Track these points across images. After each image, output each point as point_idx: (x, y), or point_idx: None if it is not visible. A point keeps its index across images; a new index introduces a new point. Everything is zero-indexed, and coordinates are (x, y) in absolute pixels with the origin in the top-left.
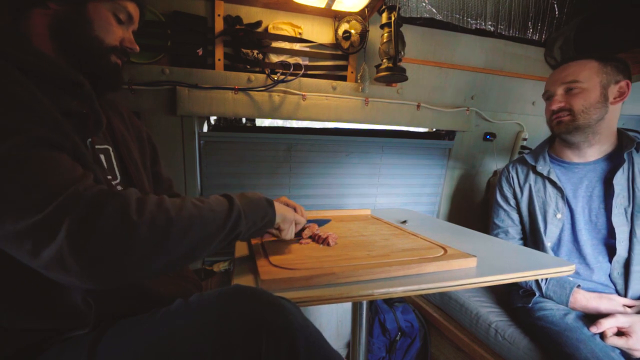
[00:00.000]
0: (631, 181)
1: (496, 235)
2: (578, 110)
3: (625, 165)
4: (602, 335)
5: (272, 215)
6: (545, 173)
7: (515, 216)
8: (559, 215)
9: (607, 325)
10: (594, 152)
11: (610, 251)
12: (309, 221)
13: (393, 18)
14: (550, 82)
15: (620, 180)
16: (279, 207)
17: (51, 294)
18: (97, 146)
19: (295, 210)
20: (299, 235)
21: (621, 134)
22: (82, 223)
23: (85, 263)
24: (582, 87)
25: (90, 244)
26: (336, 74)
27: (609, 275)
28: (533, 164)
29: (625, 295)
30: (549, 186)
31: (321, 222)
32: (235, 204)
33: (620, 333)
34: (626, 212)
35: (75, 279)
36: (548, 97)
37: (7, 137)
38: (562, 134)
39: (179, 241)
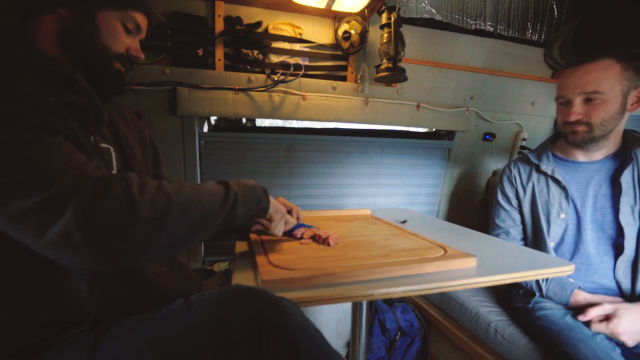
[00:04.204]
0: (637, 180)
1: (497, 236)
2: (596, 123)
3: (632, 164)
4: (589, 323)
5: (266, 203)
6: (549, 172)
7: (516, 216)
8: (562, 215)
9: (593, 314)
10: (601, 152)
11: (616, 250)
12: (300, 225)
13: (393, 18)
14: (567, 86)
15: (627, 179)
16: (272, 199)
17: (53, 290)
18: (99, 145)
19: (291, 210)
20: (288, 235)
21: (626, 133)
22: (89, 201)
23: (91, 240)
24: (604, 98)
25: (96, 222)
26: (336, 74)
27: (614, 275)
28: (537, 162)
29: (632, 294)
30: (552, 185)
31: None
32: (231, 188)
33: (606, 320)
34: (633, 211)
35: (79, 257)
36: (563, 102)
37: (13, 122)
38: (576, 143)
39: (178, 221)
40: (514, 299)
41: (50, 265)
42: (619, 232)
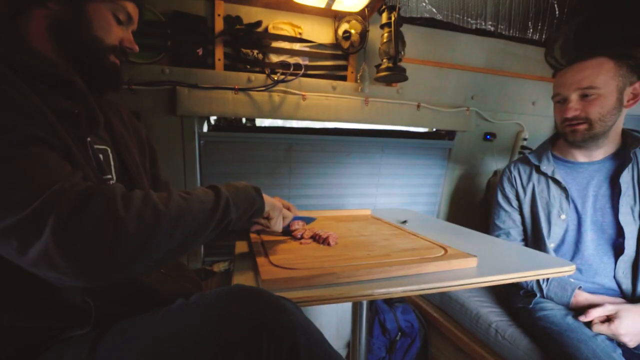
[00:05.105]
0: (637, 180)
1: (497, 237)
2: (595, 118)
3: (631, 165)
4: (590, 324)
5: (261, 203)
6: (549, 173)
7: (517, 217)
8: (563, 216)
9: (595, 315)
10: (600, 152)
11: (617, 251)
12: (297, 218)
13: (393, 18)
14: (563, 84)
15: (626, 179)
16: (266, 197)
17: (51, 293)
18: (95, 146)
19: (289, 208)
20: (286, 231)
21: (625, 133)
22: (67, 220)
23: (73, 259)
24: (599, 93)
25: (77, 241)
26: (336, 74)
27: (614, 276)
28: (537, 163)
29: (633, 294)
30: (552, 186)
31: (308, 220)
32: (222, 193)
33: (608, 321)
34: (633, 211)
35: (64, 276)
36: (560, 100)
37: None
38: (576, 142)
39: (168, 235)
40: (514, 299)
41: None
42: (619, 232)
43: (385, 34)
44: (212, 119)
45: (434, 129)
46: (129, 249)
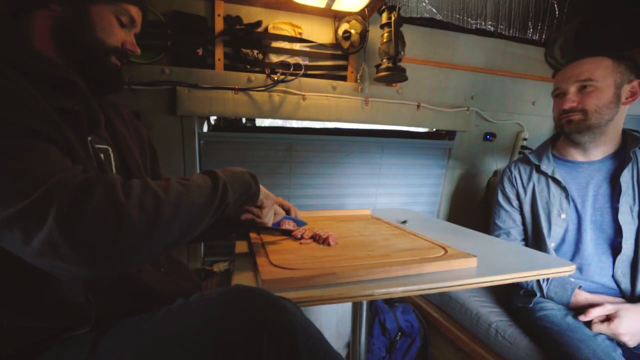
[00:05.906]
0: (636, 180)
1: (497, 237)
2: (590, 110)
3: (631, 164)
4: (590, 323)
5: (256, 188)
6: (549, 172)
7: (517, 217)
8: (563, 216)
9: (595, 314)
10: (599, 151)
11: (615, 250)
12: (288, 217)
13: (393, 18)
14: (562, 79)
15: (626, 179)
16: (261, 186)
17: (52, 292)
18: (96, 146)
19: (289, 209)
20: (281, 230)
21: (625, 133)
22: (70, 208)
23: (78, 247)
24: (597, 86)
25: (80, 228)
26: (336, 74)
27: (613, 275)
28: (537, 163)
29: (632, 293)
30: (553, 186)
31: (299, 222)
32: (219, 177)
33: (607, 320)
34: (632, 211)
35: (70, 265)
36: (559, 94)
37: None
38: (572, 133)
39: (170, 221)
40: (514, 299)
41: (47, 275)
42: (618, 231)
43: (385, 34)
44: (212, 119)
45: (434, 129)
46: (132, 235)
